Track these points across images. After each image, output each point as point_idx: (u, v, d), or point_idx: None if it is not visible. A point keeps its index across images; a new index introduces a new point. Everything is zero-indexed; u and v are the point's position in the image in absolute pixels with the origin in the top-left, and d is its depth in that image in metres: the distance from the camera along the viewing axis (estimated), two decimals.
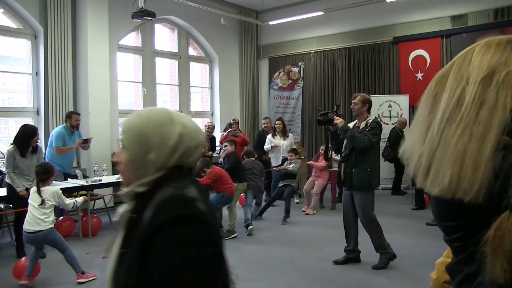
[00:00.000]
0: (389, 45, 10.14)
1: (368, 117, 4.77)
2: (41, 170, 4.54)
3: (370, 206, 4.74)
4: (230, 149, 6.74)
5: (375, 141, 4.62)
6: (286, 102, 11.04)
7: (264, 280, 4.46)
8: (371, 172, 4.64)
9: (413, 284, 4.27)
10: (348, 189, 4.83)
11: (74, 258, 4.47)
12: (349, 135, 4.59)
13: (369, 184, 4.67)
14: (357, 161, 4.65)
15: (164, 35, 10.67)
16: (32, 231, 4.33)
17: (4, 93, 8.22)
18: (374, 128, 4.63)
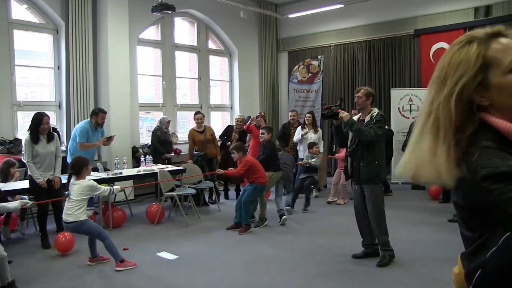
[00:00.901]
0: (410, 38, 9.98)
1: (372, 110, 4.75)
2: (70, 164, 4.78)
3: (380, 198, 4.74)
4: (267, 137, 6.69)
5: (381, 133, 4.61)
6: (305, 96, 10.98)
7: (283, 274, 4.47)
8: (378, 165, 4.65)
9: (433, 279, 4.23)
10: (356, 183, 4.82)
11: (113, 247, 4.63)
12: (355, 129, 4.57)
13: (377, 176, 4.66)
14: (364, 155, 4.65)
15: (183, 29, 10.71)
16: (65, 220, 4.60)
17: (27, 87, 8.36)
18: (380, 121, 4.62)
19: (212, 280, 4.35)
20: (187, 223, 6.56)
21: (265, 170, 6.51)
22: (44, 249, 5.46)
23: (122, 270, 4.61)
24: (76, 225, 4.56)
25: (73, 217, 4.53)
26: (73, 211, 4.54)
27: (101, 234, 4.66)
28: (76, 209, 4.54)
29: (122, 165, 7.17)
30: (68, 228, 4.68)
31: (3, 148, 7.07)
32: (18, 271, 4.67)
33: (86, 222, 4.61)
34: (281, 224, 6.49)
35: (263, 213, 6.47)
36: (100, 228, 4.80)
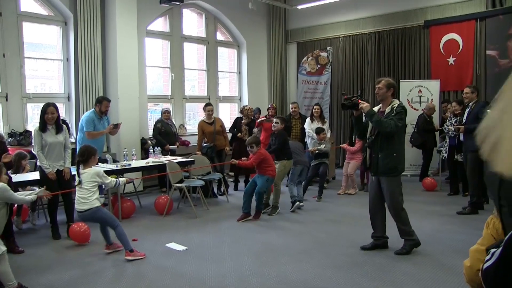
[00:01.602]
0: (420, 29, 9.89)
1: (392, 101, 4.69)
2: (79, 152, 4.82)
3: (398, 191, 4.71)
4: (280, 127, 6.75)
5: (401, 125, 4.55)
6: (314, 87, 10.94)
7: (292, 264, 4.48)
8: (397, 157, 4.61)
9: (441, 271, 4.22)
10: (374, 175, 4.81)
11: (124, 235, 4.69)
12: (375, 120, 4.53)
13: (396, 169, 4.63)
14: (383, 146, 4.61)
15: (192, 20, 10.69)
16: (80, 210, 4.65)
17: (36, 79, 8.41)
18: (400, 113, 4.56)
19: (221, 270, 4.38)
20: (196, 214, 6.59)
21: (278, 159, 6.65)
22: (54, 240, 5.53)
23: (132, 260, 4.65)
24: (92, 212, 4.61)
25: (88, 205, 4.60)
26: (87, 199, 4.60)
27: (114, 222, 4.73)
28: (89, 196, 4.61)
29: (131, 157, 7.20)
30: (84, 216, 4.71)
31: (13, 140, 7.14)
32: (30, 261, 4.74)
33: (101, 208, 4.70)
34: (292, 211, 6.68)
35: (276, 202, 6.62)
36: (113, 216, 4.88)
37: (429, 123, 8.54)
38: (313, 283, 4.00)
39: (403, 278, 4.08)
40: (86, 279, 4.23)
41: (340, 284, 3.97)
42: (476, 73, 9.13)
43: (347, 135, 10.14)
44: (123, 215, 6.45)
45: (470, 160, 6.37)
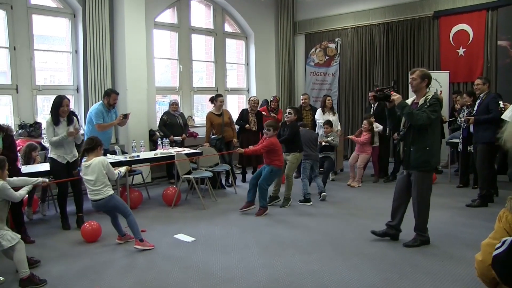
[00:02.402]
0: (430, 20, 9.78)
1: (427, 93, 4.55)
2: (86, 141, 4.83)
3: (427, 187, 4.62)
4: (293, 118, 6.69)
5: (434, 118, 4.41)
6: (322, 79, 10.91)
7: (299, 256, 4.50)
8: (429, 151, 4.48)
9: (450, 264, 4.21)
10: (405, 168, 4.71)
11: (136, 224, 4.76)
12: (406, 112, 4.42)
13: (427, 163, 4.51)
14: (415, 139, 4.50)
15: (200, 12, 10.66)
16: (94, 199, 4.69)
17: (45, 71, 8.44)
18: (434, 105, 4.42)
19: (229, 261, 4.40)
20: (204, 205, 6.62)
21: (289, 151, 6.61)
22: (64, 230, 5.59)
23: (141, 250, 4.70)
24: (106, 200, 4.66)
25: (102, 195, 4.64)
26: (100, 189, 4.64)
27: (127, 210, 4.80)
28: (101, 186, 4.64)
29: (139, 148, 7.24)
30: (98, 206, 4.74)
31: (23, 131, 7.20)
32: (41, 251, 4.79)
33: (114, 196, 4.75)
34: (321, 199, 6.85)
35: (288, 194, 6.59)
36: (126, 205, 4.93)
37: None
38: (320, 275, 4.01)
39: (411, 270, 4.08)
40: (95, 269, 4.28)
41: (348, 276, 3.97)
42: (486, 64, 9.03)
43: (356, 126, 10.11)
44: (131, 205, 6.48)
45: (480, 152, 6.33)
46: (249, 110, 8.59)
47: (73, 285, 3.90)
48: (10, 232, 3.92)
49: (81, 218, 5.67)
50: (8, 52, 7.34)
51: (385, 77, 10.43)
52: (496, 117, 6.09)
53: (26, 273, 3.85)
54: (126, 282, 3.94)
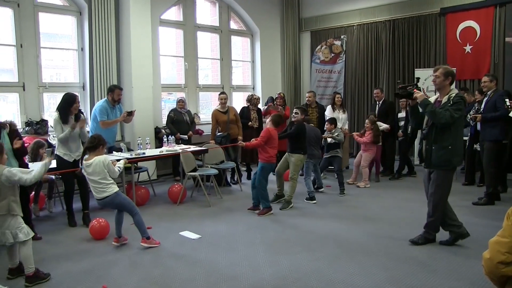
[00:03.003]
0: (436, 17, 9.73)
1: (450, 91, 4.46)
2: (89, 139, 4.74)
3: (445, 186, 4.52)
4: (300, 118, 6.59)
5: (457, 116, 4.33)
6: (328, 76, 10.87)
7: (304, 254, 4.50)
8: (452, 150, 4.40)
9: (456, 262, 4.20)
10: (426, 167, 4.65)
11: (142, 222, 4.74)
12: (429, 110, 4.35)
13: (449, 162, 4.43)
14: (437, 138, 4.44)
15: (205, 9, 10.65)
16: (98, 198, 4.65)
17: (51, 69, 8.47)
18: (457, 103, 4.33)
19: (235, 259, 4.41)
20: (209, 203, 6.63)
21: (293, 151, 6.51)
22: (70, 227, 5.62)
23: (147, 247, 4.71)
24: (111, 198, 4.62)
25: (107, 192, 4.60)
26: (104, 187, 4.60)
27: (134, 208, 4.76)
28: (106, 184, 4.60)
29: (145, 146, 7.25)
30: (103, 203, 4.70)
31: (30, 128, 7.24)
32: (48, 248, 4.83)
33: (120, 193, 4.71)
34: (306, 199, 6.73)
35: (291, 196, 6.46)
36: (133, 203, 4.88)
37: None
38: (326, 273, 4.01)
39: (417, 268, 4.07)
40: (102, 266, 4.30)
41: (354, 274, 3.97)
42: (494, 61, 8.97)
43: (361, 124, 10.08)
44: (138, 203, 6.51)
45: (487, 150, 6.29)
46: (251, 108, 8.63)
47: (80, 282, 3.92)
48: (26, 226, 3.96)
49: (87, 215, 5.70)
50: (15, 49, 7.37)
51: (391, 74, 10.40)
52: (504, 115, 6.06)
53: (32, 270, 3.89)
54: (132, 279, 3.95)
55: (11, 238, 3.83)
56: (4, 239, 3.82)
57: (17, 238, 3.85)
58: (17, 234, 3.84)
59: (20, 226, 3.88)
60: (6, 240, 3.82)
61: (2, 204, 3.81)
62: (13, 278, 4.00)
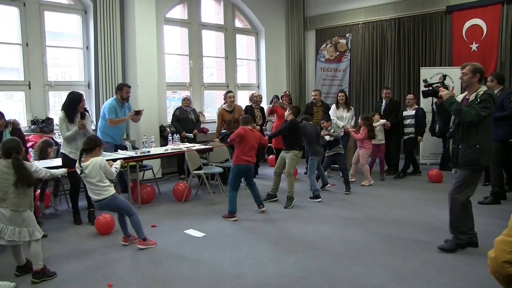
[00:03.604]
0: (442, 15, 9.69)
1: (479, 88, 4.33)
2: (85, 141, 4.65)
3: (467, 184, 4.36)
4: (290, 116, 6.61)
5: (485, 114, 4.17)
6: (333, 75, 10.85)
7: (309, 252, 4.49)
8: (479, 149, 4.25)
9: (462, 261, 4.18)
10: (454, 166, 4.55)
11: (139, 224, 4.71)
12: (454, 108, 4.23)
13: (477, 161, 4.28)
14: (464, 137, 4.31)
15: (210, 8, 10.66)
16: (95, 199, 4.62)
17: (57, 67, 8.50)
18: (485, 101, 4.19)
19: (239, 257, 4.41)
20: (214, 201, 6.64)
21: (288, 148, 6.53)
22: (76, 225, 5.65)
23: (143, 248, 4.67)
24: (108, 200, 4.57)
25: (104, 195, 4.55)
26: (101, 190, 4.53)
27: (131, 210, 4.71)
28: (102, 186, 4.53)
29: (150, 144, 7.27)
30: (100, 205, 4.67)
31: (36, 127, 7.27)
32: (53, 245, 4.85)
33: (116, 195, 4.66)
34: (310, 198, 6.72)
35: (291, 192, 6.43)
36: (130, 204, 4.83)
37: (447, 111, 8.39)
38: (330, 271, 4.00)
39: (422, 267, 4.05)
40: (107, 264, 4.31)
41: (358, 272, 3.96)
42: (500, 59, 8.92)
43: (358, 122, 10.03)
44: (143, 200, 6.55)
45: None
46: (254, 106, 8.71)
47: (85, 280, 3.93)
48: None
49: (93, 213, 5.72)
50: (21, 48, 7.40)
51: (396, 73, 10.37)
52: (511, 114, 6.03)
53: (40, 266, 3.93)
54: (137, 277, 3.97)
55: (28, 236, 3.88)
56: (21, 237, 3.86)
57: (34, 236, 3.90)
58: (34, 232, 3.91)
59: (35, 224, 3.97)
60: (23, 238, 3.86)
61: (27, 200, 3.90)
62: (20, 275, 4.03)
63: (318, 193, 6.76)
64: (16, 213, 3.83)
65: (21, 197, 3.85)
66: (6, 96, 7.77)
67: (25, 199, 3.87)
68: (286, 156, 6.58)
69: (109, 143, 6.85)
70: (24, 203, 3.88)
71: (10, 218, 3.82)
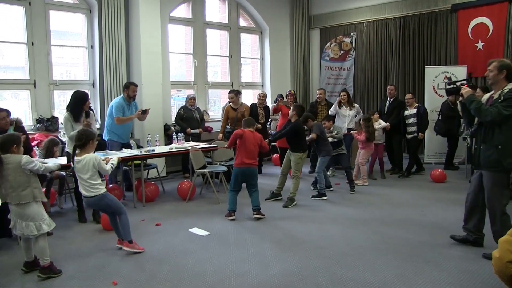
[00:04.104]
0: (447, 13, 9.65)
1: (506, 86, 4.12)
2: (76, 136, 4.47)
3: (499, 189, 4.18)
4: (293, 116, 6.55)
5: (507, 114, 3.96)
6: (337, 73, 10.84)
7: (314, 251, 4.49)
8: (502, 150, 4.06)
9: (468, 261, 4.16)
10: (475, 167, 4.44)
11: (127, 225, 4.57)
12: (474, 107, 4.10)
13: (498, 162, 4.10)
14: (486, 136, 4.15)
15: (214, 6, 10.66)
16: (85, 195, 4.47)
17: (62, 66, 8.53)
18: (509, 99, 3.99)
19: (244, 255, 4.42)
20: (218, 200, 6.65)
21: (294, 150, 6.50)
22: (81, 223, 5.68)
23: (129, 252, 4.52)
24: (97, 198, 4.40)
25: (93, 192, 4.39)
26: (91, 186, 4.37)
27: (121, 209, 4.56)
28: (92, 184, 4.38)
29: (154, 142, 7.28)
30: (89, 203, 4.53)
31: (41, 125, 7.30)
32: (58, 243, 4.87)
33: (106, 195, 4.47)
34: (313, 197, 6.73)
35: (293, 193, 6.39)
36: (120, 203, 4.64)
37: (452, 110, 8.38)
38: (334, 270, 4.00)
39: (426, 266, 4.05)
40: (112, 262, 4.33)
41: (362, 271, 3.96)
42: (506, 57, 8.87)
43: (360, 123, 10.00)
44: (147, 198, 6.58)
45: None
46: (258, 104, 8.87)
47: (90, 278, 3.95)
48: (48, 217, 4.05)
49: (97, 212, 5.73)
50: (26, 47, 7.43)
51: (401, 72, 10.34)
52: None
53: (48, 261, 3.96)
54: (142, 275, 3.98)
55: (35, 230, 3.89)
56: (28, 231, 3.88)
57: (41, 229, 3.92)
58: (41, 225, 3.93)
59: (43, 217, 3.97)
60: (30, 233, 3.89)
61: (26, 192, 3.89)
62: (28, 271, 4.06)
63: (324, 191, 6.76)
64: (20, 206, 3.86)
65: (19, 190, 3.86)
66: (11, 95, 7.81)
67: (24, 191, 3.87)
68: (291, 158, 6.56)
69: (115, 141, 6.89)
70: (24, 195, 3.88)
71: (17, 213, 3.88)
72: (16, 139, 4.01)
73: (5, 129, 4.99)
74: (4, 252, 4.46)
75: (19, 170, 3.90)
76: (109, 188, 6.55)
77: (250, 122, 6.10)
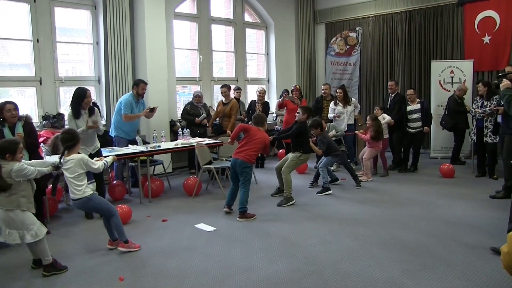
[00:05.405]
0: (454, 7, 9.56)
1: None
2: (65, 138, 4.31)
3: None
4: (302, 117, 6.47)
5: None
6: (343, 68, 10.79)
7: (320, 246, 4.49)
8: None
9: (474, 255, 4.15)
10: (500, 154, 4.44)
11: (120, 226, 4.50)
12: (506, 101, 4.13)
13: None
14: None
15: (219, 2, 10.64)
16: (73, 198, 4.36)
17: (67, 63, 8.55)
18: None
19: (250, 251, 4.42)
20: (224, 195, 6.63)
21: (294, 149, 6.47)
22: (87, 220, 5.69)
23: (125, 252, 4.47)
24: (82, 201, 4.29)
25: (79, 194, 4.26)
26: (77, 188, 4.26)
27: (110, 210, 4.45)
28: (77, 185, 4.25)
29: (160, 139, 7.29)
30: (76, 205, 4.42)
31: (47, 122, 7.33)
32: (65, 240, 4.91)
33: (93, 197, 4.33)
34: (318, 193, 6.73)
35: (288, 192, 6.26)
36: (109, 204, 4.52)
37: (459, 104, 8.33)
38: (341, 265, 4.00)
39: (433, 261, 4.03)
40: (118, 257, 4.35)
41: (369, 266, 3.95)
42: None
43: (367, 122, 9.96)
44: (153, 193, 6.60)
45: (508, 143, 6.17)
46: (257, 101, 9.02)
47: (96, 274, 3.97)
48: (37, 226, 3.93)
49: None
50: (32, 44, 7.45)
51: (407, 66, 10.28)
52: None
53: (49, 260, 3.97)
54: (148, 271, 3.99)
55: (18, 239, 3.83)
56: (11, 239, 3.83)
57: (24, 239, 3.84)
58: (24, 235, 3.83)
59: (28, 227, 3.85)
60: (13, 241, 3.83)
61: (12, 199, 3.80)
62: (36, 268, 4.07)
63: (328, 186, 6.74)
64: (5, 212, 3.80)
65: (5, 195, 3.77)
66: (17, 92, 7.83)
67: (10, 197, 3.78)
68: (289, 156, 6.53)
69: (122, 138, 6.92)
70: (9, 201, 3.78)
71: (2, 218, 3.82)
72: (10, 147, 3.85)
73: (13, 122, 4.99)
74: (13, 248, 4.48)
75: (8, 176, 3.78)
76: (112, 185, 6.63)
77: (258, 120, 6.03)
